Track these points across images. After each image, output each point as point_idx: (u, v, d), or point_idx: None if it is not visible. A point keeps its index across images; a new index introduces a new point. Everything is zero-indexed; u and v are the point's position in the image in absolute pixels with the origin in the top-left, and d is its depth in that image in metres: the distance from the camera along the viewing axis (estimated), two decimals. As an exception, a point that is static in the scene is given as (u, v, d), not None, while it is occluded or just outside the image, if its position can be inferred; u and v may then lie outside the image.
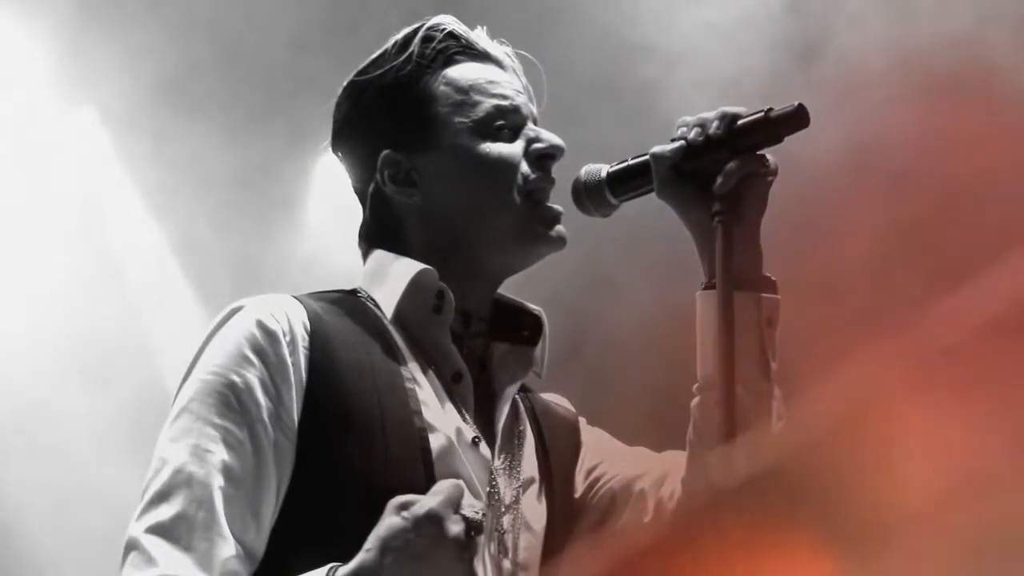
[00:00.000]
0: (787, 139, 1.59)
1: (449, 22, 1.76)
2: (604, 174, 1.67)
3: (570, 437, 1.81)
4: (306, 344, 1.56)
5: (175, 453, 1.50)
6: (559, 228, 1.70)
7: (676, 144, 1.61)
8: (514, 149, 1.70)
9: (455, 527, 1.39)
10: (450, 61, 1.74)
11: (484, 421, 1.67)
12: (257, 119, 4.86)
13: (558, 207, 1.71)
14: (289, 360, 1.54)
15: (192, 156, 4.85)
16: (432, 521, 1.39)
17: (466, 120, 1.70)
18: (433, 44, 1.73)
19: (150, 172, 4.96)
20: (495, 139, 1.70)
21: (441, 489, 1.42)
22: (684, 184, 1.60)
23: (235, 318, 1.59)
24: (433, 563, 1.38)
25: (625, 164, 1.67)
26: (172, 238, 5.08)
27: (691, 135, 1.59)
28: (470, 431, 1.63)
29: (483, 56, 1.76)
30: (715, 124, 1.57)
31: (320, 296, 1.68)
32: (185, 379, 1.57)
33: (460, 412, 1.63)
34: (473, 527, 1.41)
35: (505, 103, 1.72)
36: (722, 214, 1.54)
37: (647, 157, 1.64)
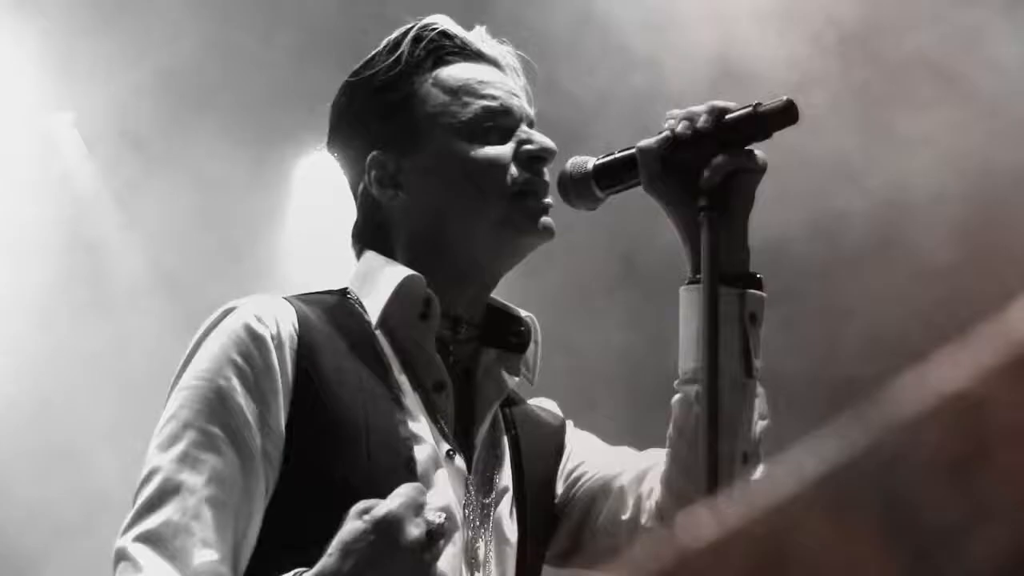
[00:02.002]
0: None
1: (442, 21, 1.78)
2: (590, 167, 1.68)
3: (551, 444, 1.83)
4: (294, 348, 1.58)
5: (163, 461, 1.53)
6: (545, 220, 1.71)
7: (663, 135, 1.62)
8: (502, 151, 1.71)
9: (415, 530, 1.42)
10: (441, 61, 1.75)
11: (464, 432, 1.70)
12: (238, 121, 4.89)
13: (547, 200, 1.72)
14: (276, 365, 1.57)
15: (171, 158, 4.88)
16: (392, 524, 1.41)
17: (453, 122, 1.71)
18: (423, 44, 1.75)
19: (129, 174, 4.98)
20: (483, 141, 1.71)
21: (402, 492, 1.45)
22: (671, 178, 1.61)
23: (224, 321, 1.61)
24: (393, 566, 1.40)
25: (612, 157, 1.68)
26: (149, 239, 5.10)
27: (679, 127, 1.59)
28: (445, 443, 1.65)
29: (477, 56, 1.77)
30: (703, 117, 1.58)
31: (309, 298, 1.71)
32: (175, 382, 1.60)
33: (438, 423, 1.66)
34: (434, 531, 1.43)
35: (494, 104, 1.73)
36: (708, 209, 1.55)
37: (634, 150, 1.63)
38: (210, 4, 4.79)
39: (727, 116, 1.57)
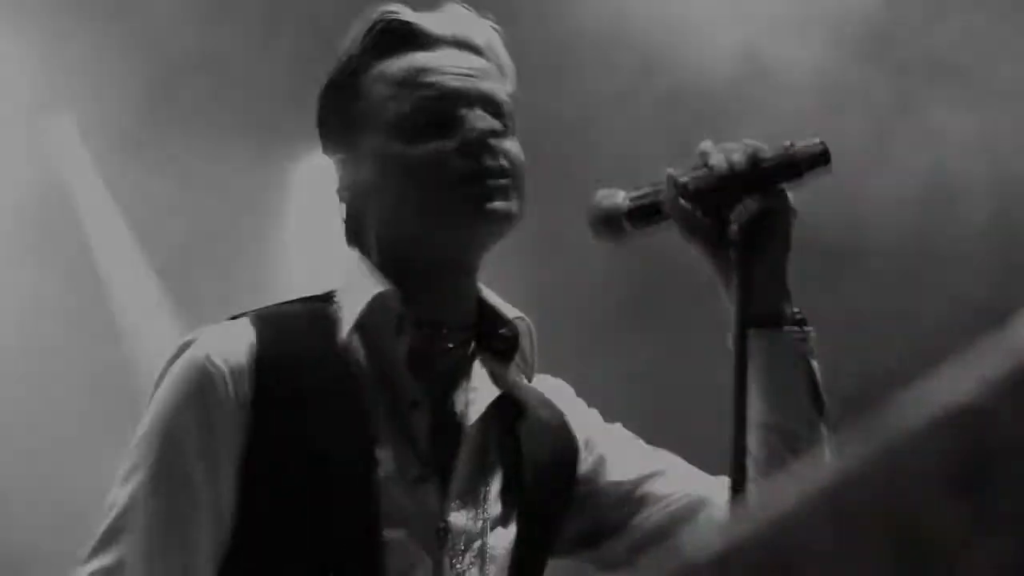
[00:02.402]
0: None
1: (396, 9, 1.71)
2: (623, 205, 1.65)
3: (559, 444, 1.76)
4: (249, 383, 1.58)
5: (120, 497, 1.57)
6: (493, 205, 1.62)
7: (696, 173, 1.60)
8: (438, 144, 1.63)
9: None
10: (387, 53, 1.69)
11: (447, 450, 1.65)
12: (238, 122, 4.92)
13: (497, 182, 1.63)
14: (229, 405, 1.57)
15: (171, 160, 4.91)
16: None
17: (391, 118, 1.65)
18: (373, 37, 1.69)
19: (126, 178, 5.01)
20: (422, 136, 1.64)
21: None
22: (703, 218, 1.60)
23: (182, 357, 1.61)
24: None
25: (646, 198, 1.65)
26: (149, 244, 5.13)
27: (716, 165, 1.57)
28: (415, 467, 1.62)
29: (430, 42, 1.69)
30: (737, 156, 1.57)
31: (285, 311, 1.69)
32: (143, 416, 1.63)
33: (410, 445, 1.62)
34: None
35: (432, 92, 1.65)
36: (739, 249, 1.56)
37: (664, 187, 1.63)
38: (210, 5, 4.82)
39: (760, 157, 1.57)
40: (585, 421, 1.82)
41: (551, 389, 1.82)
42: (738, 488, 1.45)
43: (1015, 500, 0.38)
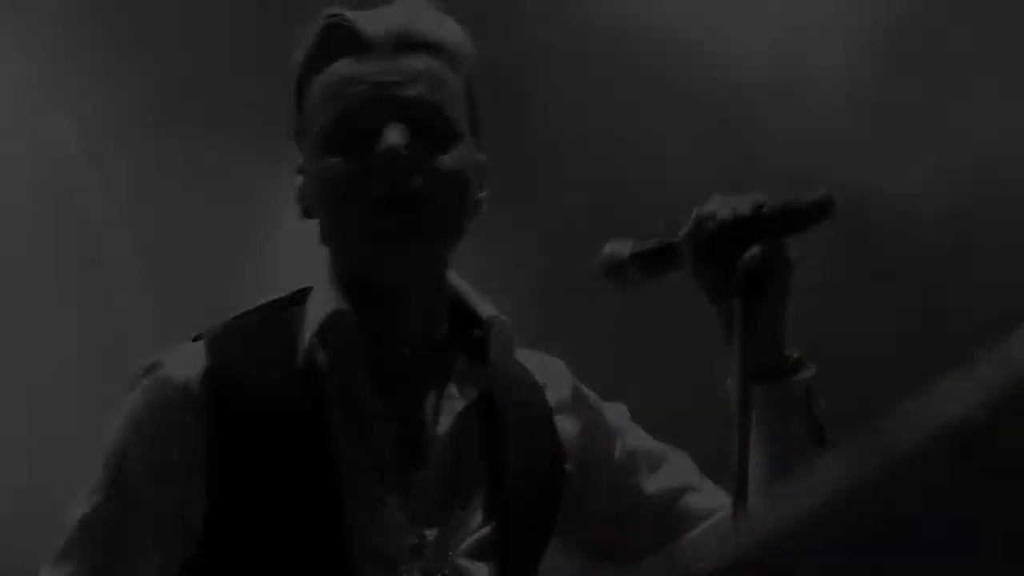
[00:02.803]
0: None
1: (337, 12, 1.65)
2: (627, 251, 1.66)
3: (542, 442, 1.70)
4: (207, 405, 1.57)
5: (76, 515, 1.60)
6: (398, 233, 1.57)
7: (701, 220, 1.60)
8: (351, 165, 1.58)
9: None
10: (328, 60, 1.64)
11: (416, 462, 1.62)
12: (237, 124, 4.92)
13: (411, 206, 1.56)
14: (182, 428, 1.57)
15: (170, 161, 4.92)
16: None
17: (317, 132, 1.61)
18: (314, 44, 1.65)
19: (126, 178, 5.02)
20: (337, 154, 1.59)
21: None
22: (709, 264, 1.60)
23: (142, 383, 1.61)
24: None
25: (650, 243, 1.66)
26: (148, 243, 5.14)
27: (722, 213, 1.58)
28: (379, 485, 1.58)
29: (367, 46, 1.62)
30: (743, 206, 1.58)
31: (247, 324, 1.67)
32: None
33: (372, 461, 1.59)
34: None
35: (351, 105, 1.59)
36: (742, 297, 1.58)
37: (677, 238, 1.63)
38: (212, 5, 4.82)
39: (764, 208, 1.58)
40: (582, 410, 1.75)
41: (543, 371, 1.76)
42: (739, 502, 1.46)
43: (1018, 514, 0.39)
